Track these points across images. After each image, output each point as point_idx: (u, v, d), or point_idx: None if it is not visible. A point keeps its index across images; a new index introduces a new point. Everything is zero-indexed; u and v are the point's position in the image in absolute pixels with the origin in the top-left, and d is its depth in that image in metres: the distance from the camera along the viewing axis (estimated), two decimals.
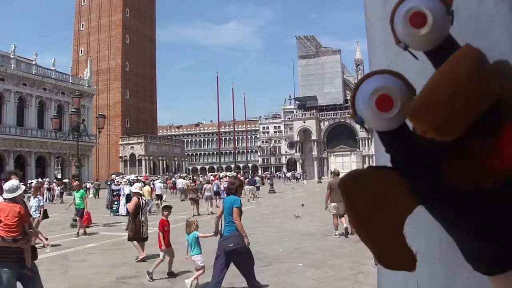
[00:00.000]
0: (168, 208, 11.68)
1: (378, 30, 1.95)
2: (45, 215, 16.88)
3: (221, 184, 34.09)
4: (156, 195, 33.28)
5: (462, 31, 1.59)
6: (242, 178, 42.79)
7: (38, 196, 17.26)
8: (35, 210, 16.13)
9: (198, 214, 25.50)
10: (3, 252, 6.39)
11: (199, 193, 29.07)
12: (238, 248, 8.21)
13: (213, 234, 9.26)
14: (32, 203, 16.24)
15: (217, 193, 32.55)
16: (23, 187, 7.12)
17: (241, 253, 8.30)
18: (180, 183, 41.00)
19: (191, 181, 35.14)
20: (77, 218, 19.67)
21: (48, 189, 42.85)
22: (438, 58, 1.43)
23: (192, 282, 9.64)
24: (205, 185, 31.96)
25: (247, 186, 36.86)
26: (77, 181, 24.49)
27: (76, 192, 20.93)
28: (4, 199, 6.73)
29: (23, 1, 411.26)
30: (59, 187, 45.60)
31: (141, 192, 14.23)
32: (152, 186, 34.10)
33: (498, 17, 1.57)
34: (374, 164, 1.56)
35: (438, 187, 1.39)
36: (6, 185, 6.76)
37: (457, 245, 1.44)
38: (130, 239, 13.32)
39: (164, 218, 11.24)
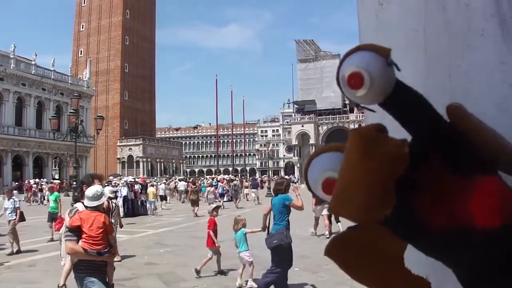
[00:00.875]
0: (217, 208, 12.02)
1: (369, 41, 1.98)
2: (22, 218, 15.58)
3: (218, 187, 36.25)
4: (160, 196, 33.80)
5: (452, 45, 1.61)
6: (243, 180, 44.11)
7: (14, 198, 16.17)
8: (10, 212, 15.20)
9: (196, 216, 25.80)
10: (85, 266, 5.77)
11: (199, 195, 30.29)
12: (282, 244, 8.53)
13: (260, 229, 9.46)
14: (7, 205, 15.36)
15: (221, 195, 35.02)
16: (107, 193, 6.67)
17: (284, 250, 8.62)
18: (182, 185, 41.20)
19: (191, 183, 35.99)
20: (49, 224, 17.94)
21: (41, 190, 42.62)
22: (392, 106, 1.44)
23: (240, 280, 10.02)
24: (208, 188, 33.72)
25: (252, 190, 39.19)
26: (56, 183, 23.47)
27: (50, 194, 19.79)
28: (86, 207, 5.96)
29: (23, 1, 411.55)
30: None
31: (111, 195, 14.36)
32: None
33: (487, 31, 1.58)
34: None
35: (415, 229, 1.40)
36: (89, 192, 5.88)
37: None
38: None
39: (212, 217, 11.53)
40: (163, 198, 34.83)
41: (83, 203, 6.11)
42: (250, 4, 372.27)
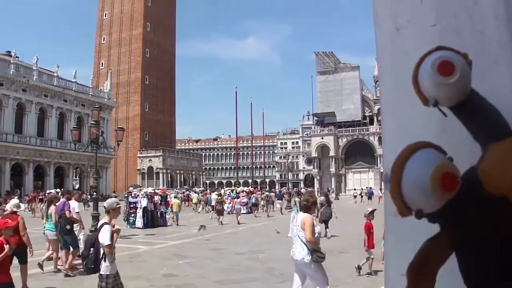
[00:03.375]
0: (372, 212, 12.45)
1: (386, 63, 1.99)
2: None
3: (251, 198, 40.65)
4: (211, 206, 37.07)
5: None
6: (269, 193, 46.02)
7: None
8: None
9: (221, 224, 27.83)
10: None
11: (223, 206, 33.01)
12: None
13: None
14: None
15: (255, 205, 39.05)
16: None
17: None
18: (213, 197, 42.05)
19: (217, 195, 37.95)
20: None
21: (41, 200, 42.47)
22: (464, 113, 1.43)
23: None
24: (235, 199, 36.91)
25: (278, 201, 42.60)
26: None
27: None
28: None
29: (46, 14, 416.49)
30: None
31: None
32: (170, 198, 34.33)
33: (502, 59, 1.60)
34: None
35: (490, 235, 1.32)
36: None
37: None
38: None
39: (369, 221, 12.20)
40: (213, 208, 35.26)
41: None
42: (268, 17, 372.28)
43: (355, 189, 74.31)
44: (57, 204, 14.43)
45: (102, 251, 7.10)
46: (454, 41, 1.66)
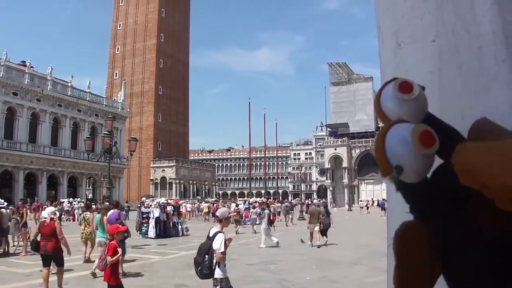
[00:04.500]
0: None
1: (389, 78, 2.04)
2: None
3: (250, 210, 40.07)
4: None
5: (465, 87, 1.65)
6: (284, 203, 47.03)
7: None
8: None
9: (237, 233, 28.12)
10: None
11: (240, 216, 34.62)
12: None
13: None
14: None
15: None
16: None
17: None
18: (233, 207, 42.70)
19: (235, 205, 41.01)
20: None
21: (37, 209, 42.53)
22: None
23: None
24: (249, 210, 38.58)
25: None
26: None
27: None
28: None
29: (61, 24, 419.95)
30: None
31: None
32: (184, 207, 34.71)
33: (499, 76, 1.62)
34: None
35: (474, 236, 1.30)
36: None
37: None
38: None
39: None
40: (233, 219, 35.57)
41: None
42: (282, 27, 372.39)
43: (361, 201, 74.30)
44: (108, 214, 15.51)
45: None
46: (452, 57, 1.69)
